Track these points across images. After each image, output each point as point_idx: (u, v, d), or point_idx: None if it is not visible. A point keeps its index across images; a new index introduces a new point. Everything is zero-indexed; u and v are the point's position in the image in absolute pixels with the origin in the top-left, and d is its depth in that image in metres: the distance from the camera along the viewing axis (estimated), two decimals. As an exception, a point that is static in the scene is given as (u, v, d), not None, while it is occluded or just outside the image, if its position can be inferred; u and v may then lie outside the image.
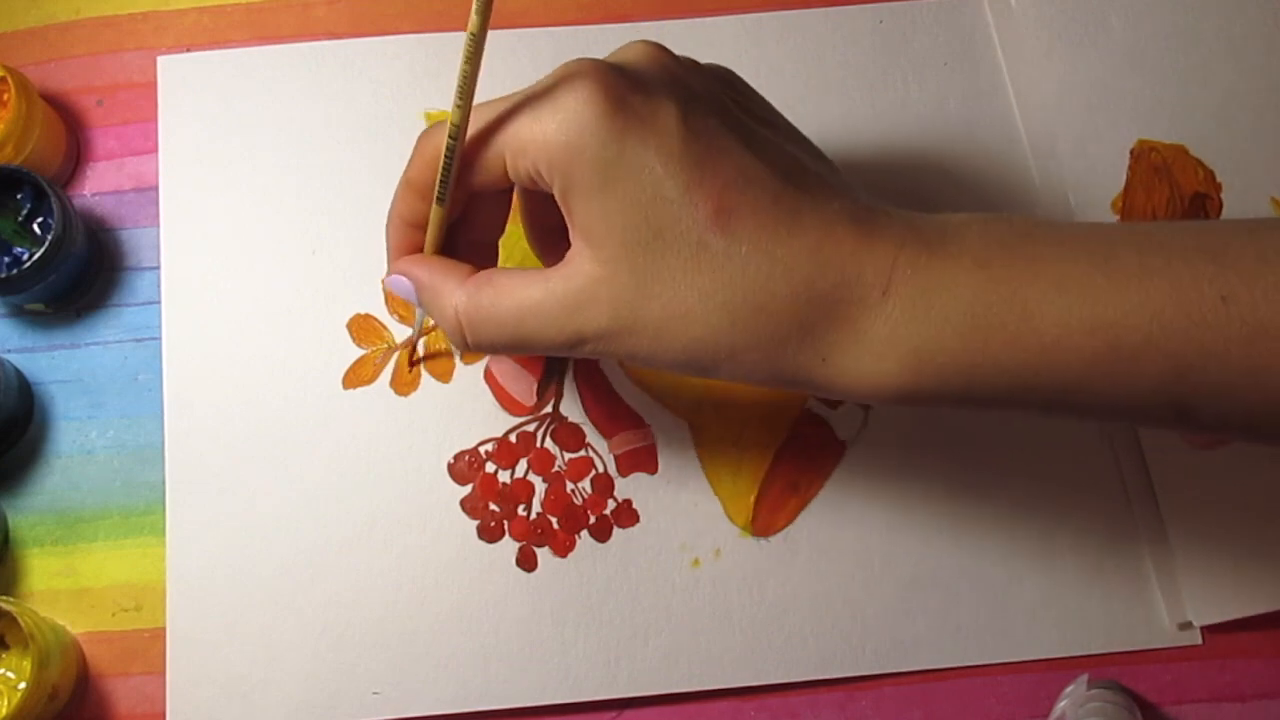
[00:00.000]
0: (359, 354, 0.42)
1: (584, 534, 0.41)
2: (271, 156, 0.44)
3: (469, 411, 0.42)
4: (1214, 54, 0.45)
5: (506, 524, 0.41)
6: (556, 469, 0.42)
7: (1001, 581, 0.41)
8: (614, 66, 0.29)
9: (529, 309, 0.30)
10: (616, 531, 0.41)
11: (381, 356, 0.42)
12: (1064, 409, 0.29)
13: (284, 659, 0.39)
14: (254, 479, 0.41)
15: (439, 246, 0.34)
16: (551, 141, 0.29)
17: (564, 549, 0.41)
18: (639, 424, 0.42)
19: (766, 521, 0.41)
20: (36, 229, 0.41)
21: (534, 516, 0.41)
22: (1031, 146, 0.45)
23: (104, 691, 0.40)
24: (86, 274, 0.43)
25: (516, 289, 0.31)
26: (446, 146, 0.30)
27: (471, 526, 0.41)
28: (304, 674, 0.39)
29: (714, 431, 0.42)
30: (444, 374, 0.42)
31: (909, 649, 0.40)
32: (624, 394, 0.42)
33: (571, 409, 0.42)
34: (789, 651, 0.40)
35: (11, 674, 0.38)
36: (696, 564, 0.41)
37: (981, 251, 0.28)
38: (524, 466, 0.42)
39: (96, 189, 0.45)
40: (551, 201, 0.30)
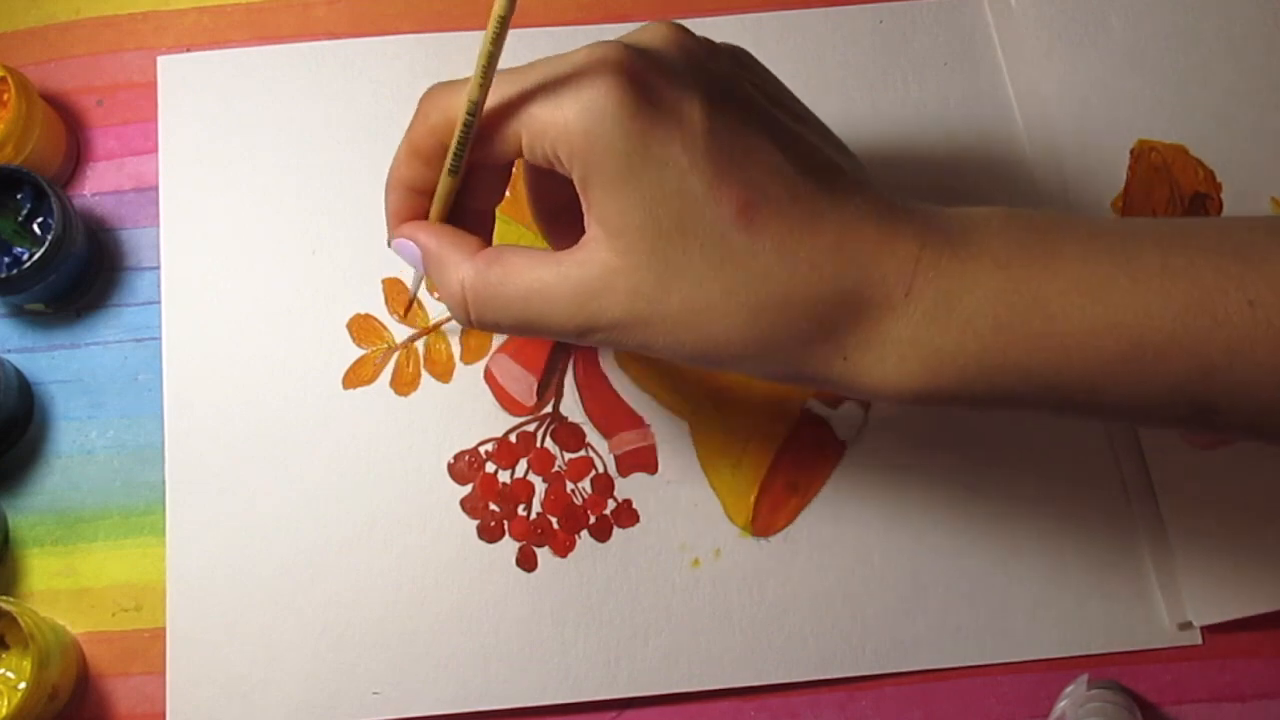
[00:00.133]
0: (359, 354, 0.42)
1: (584, 534, 0.41)
2: (271, 156, 0.44)
3: (469, 411, 0.42)
4: (1214, 54, 0.45)
5: (506, 524, 0.41)
6: (556, 469, 0.42)
7: (1001, 581, 0.41)
8: (638, 52, 0.29)
9: (538, 291, 0.30)
10: (616, 531, 0.41)
11: (381, 356, 0.42)
12: (1084, 409, 0.29)
13: (284, 659, 0.39)
14: (254, 479, 0.41)
15: (445, 216, 0.33)
16: (573, 129, 0.28)
17: (564, 549, 0.41)
18: (639, 424, 0.42)
19: (766, 521, 0.41)
20: (36, 229, 0.41)
21: (534, 516, 0.41)
22: (1031, 147, 0.45)
23: (104, 691, 0.40)
24: (86, 274, 0.43)
25: (526, 270, 0.30)
26: (464, 122, 0.30)
27: (471, 526, 0.41)
28: (304, 674, 0.39)
29: (714, 431, 0.42)
30: (444, 374, 0.42)
31: (909, 649, 0.40)
32: (624, 394, 0.42)
33: (571, 409, 0.42)
34: (789, 651, 0.40)
35: (11, 674, 0.38)
36: (696, 564, 0.41)
37: (1002, 250, 0.28)
38: (524, 466, 0.42)
39: (96, 189, 0.45)
40: (561, 180, 0.30)
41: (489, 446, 0.42)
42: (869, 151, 0.45)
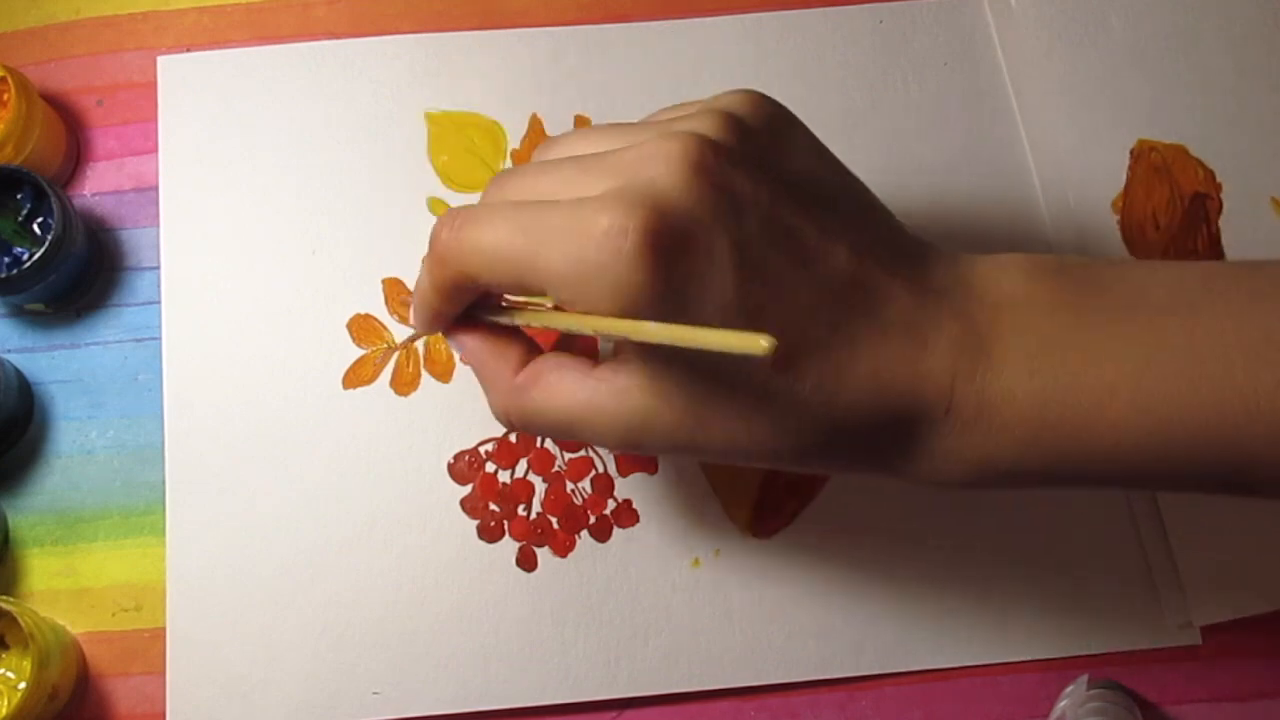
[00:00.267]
0: (359, 354, 0.42)
1: (584, 534, 0.41)
2: (271, 156, 0.44)
3: (469, 411, 0.42)
4: (1214, 54, 0.45)
5: (506, 524, 0.41)
6: (556, 469, 0.42)
7: (1001, 581, 0.41)
8: (654, 207, 0.27)
9: (578, 416, 0.30)
10: (616, 531, 0.41)
11: (381, 356, 0.42)
12: (1127, 487, 0.31)
13: (284, 659, 0.39)
14: (254, 479, 0.41)
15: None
16: (606, 306, 0.27)
17: (564, 549, 0.41)
18: (639, 424, 0.42)
19: (766, 522, 0.41)
20: (36, 229, 0.41)
21: (534, 516, 0.41)
22: (1031, 146, 0.45)
23: (104, 691, 0.40)
24: (86, 274, 0.43)
25: (566, 396, 0.30)
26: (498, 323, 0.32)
27: (471, 526, 0.41)
28: (304, 674, 0.39)
29: (714, 431, 0.42)
30: (444, 374, 0.42)
31: (909, 649, 0.40)
32: (624, 394, 0.42)
33: (571, 409, 0.42)
34: (789, 651, 0.40)
35: (11, 674, 0.38)
36: (696, 564, 0.41)
37: (1036, 347, 0.29)
38: (524, 466, 0.42)
39: (96, 189, 0.45)
40: None
41: (489, 446, 0.42)
42: (868, 151, 0.45)
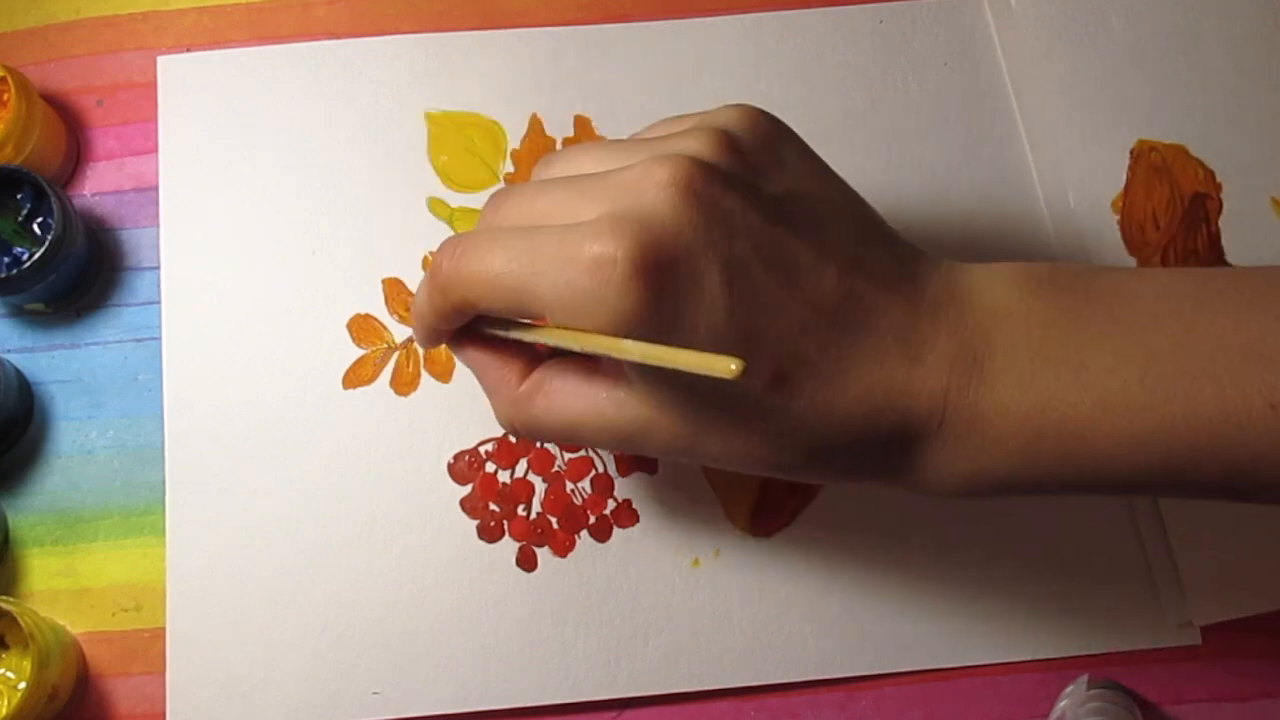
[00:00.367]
0: (359, 354, 0.42)
1: (584, 534, 0.41)
2: (271, 156, 0.44)
3: (469, 411, 0.42)
4: (1214, 54, 0.45)
5: (506, 524, 0.41)
6: (556, 469, 0.42)
7: (1001, 581, 0.41)
8: (642, 233, 0.27)
9: (579, 423, 0.31)
10: (616, 531, 0.41)
11: (381, 356, 0.42)
12: (1121, 495, 0.31)
13: (284, 659, 0.39)
14: (254, 479, 0.41)
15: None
16: (598, 328, 0.28)
17: (564, 549, 0.41)
18: (639, 424, 0.42)
19: (767, 522, 0.41)
20: (36, 229, 0.41)
21: (534, 516, 0.41)
22: (1031, 147, 0.45)
23: (104, 691, 0.40)
24: (86, 274, 0.43)
25: (566, 402, 0.32)
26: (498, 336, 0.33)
27: (471, 526, 0.41)
28: (304, 674, 0.39)
29: (714, 431, 0.42)
30: (444, 374, 0.42)
31: (909, 649, 0.40)
32: (624, 394, 0.42)
33: (571, 409, 0.42)
34: (789, 651, 0.40)
35: (11, 674, 0.38)
36: (696, 564, 0.41)
37: (1028, 364, 0.29)
38: (524, 466, 0.42)
39: (96, 189, 0.45)
40: None
41: (489, 446, 0.42)
42: (868, 152, 0.45)
